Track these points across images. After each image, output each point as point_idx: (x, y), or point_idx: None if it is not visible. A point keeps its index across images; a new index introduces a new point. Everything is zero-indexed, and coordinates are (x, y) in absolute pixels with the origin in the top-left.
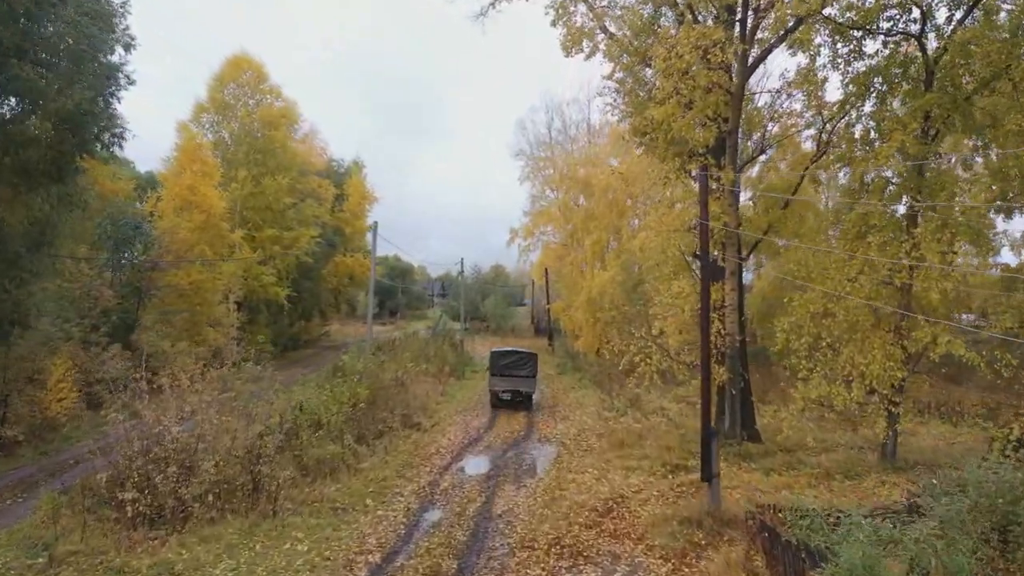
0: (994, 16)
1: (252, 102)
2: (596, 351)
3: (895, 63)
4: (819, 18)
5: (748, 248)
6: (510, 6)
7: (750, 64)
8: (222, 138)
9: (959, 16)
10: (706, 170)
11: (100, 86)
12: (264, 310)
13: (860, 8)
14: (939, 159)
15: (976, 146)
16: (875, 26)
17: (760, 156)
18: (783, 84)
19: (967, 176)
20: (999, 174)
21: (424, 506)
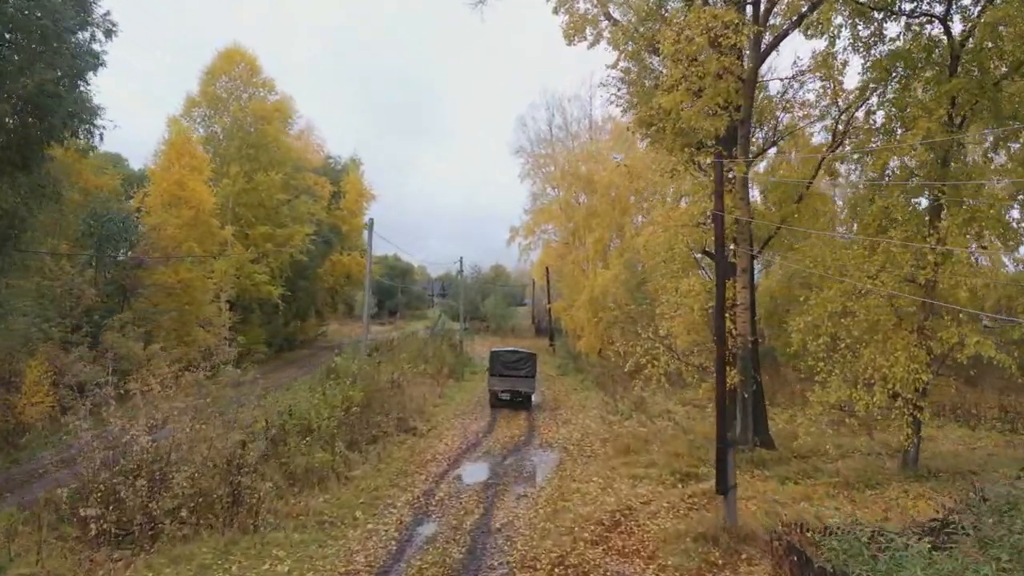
0: None
1: (245, 96)
2: (598, 352)
3: (919, 46)
4: None
5: (760, 244)
6: None
7: (763, 49)
8: (214, 133)
9: None
10: (722, 157)
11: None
12: (257, 310)
13: None
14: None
15: (1001, 135)
16: (897, 7)
17: (771, 148)
18: (795, 72)
19: (985, 166)
20: None
21: (418, 519)
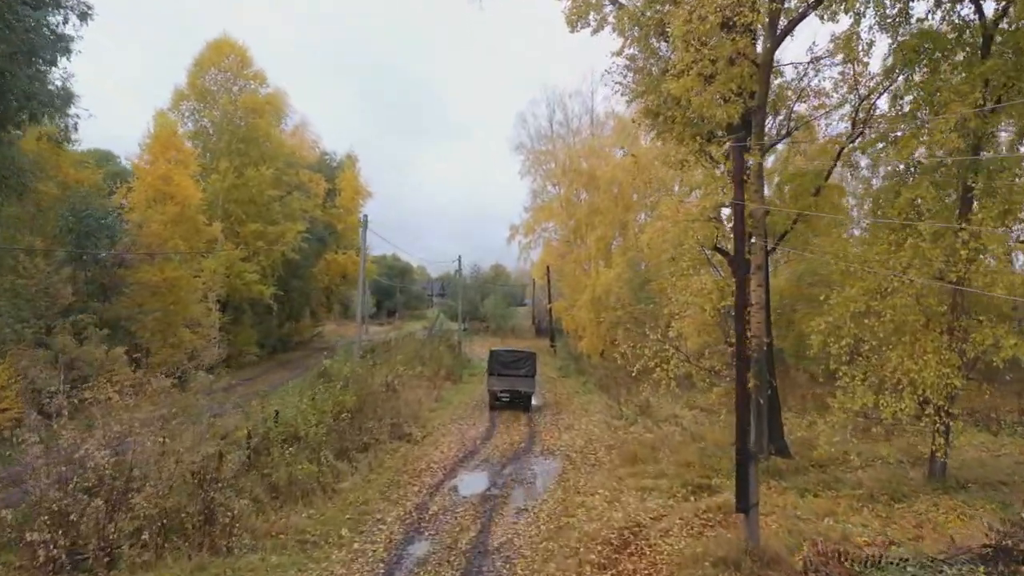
0: None
1: (235, 89)
2: (600, 353)
3: (950, 26)
4: None
5: (774, 240)
6: None
7: (780, 31)
8: (203, 127)
9: None
10: (742, 141)
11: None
12: (248, 310)
13: None
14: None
15: None
16: None
17: (786, 138)
18: (811, 58)
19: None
20: None
21: (409, 536)
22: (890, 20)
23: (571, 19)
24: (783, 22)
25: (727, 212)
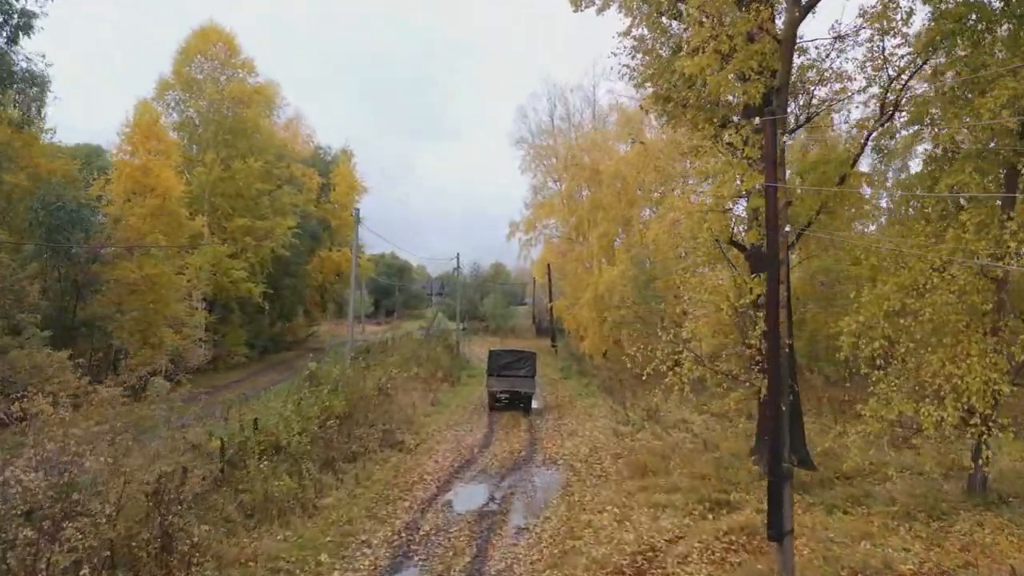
0: None
1: (223, 78)
2: (603, 353)
3: None
4: None
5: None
6: None
7: (804, 2)
8: (189, 118)
9: None
10: (774, 115)
11: None
12: (237, 309)
13: None
14: None
15: None
16: None
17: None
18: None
19: None
20: None
21: (397, 562)
22: None
23: None
24: None
25: (739, 207)
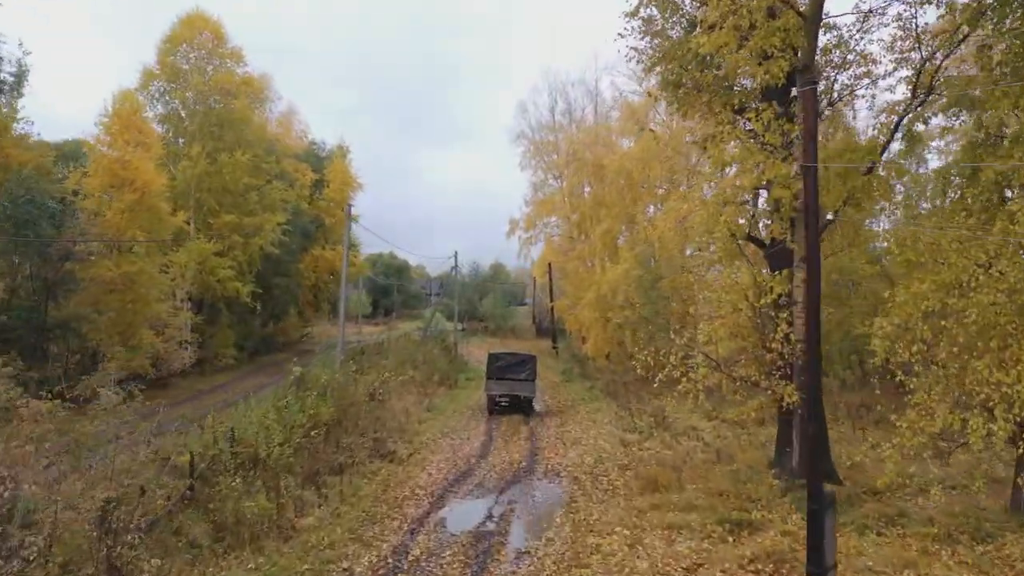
0: None
1: (209, 68)
2: (607, 355)
3: None
4: None
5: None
6: None
7: None
8: (174, 110)
9: None
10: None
11: None
12: (226, 309)
13: None
14: None
15: None
16: None
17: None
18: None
19: None
20: None
21: None
22: None
23: None
24: None
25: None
